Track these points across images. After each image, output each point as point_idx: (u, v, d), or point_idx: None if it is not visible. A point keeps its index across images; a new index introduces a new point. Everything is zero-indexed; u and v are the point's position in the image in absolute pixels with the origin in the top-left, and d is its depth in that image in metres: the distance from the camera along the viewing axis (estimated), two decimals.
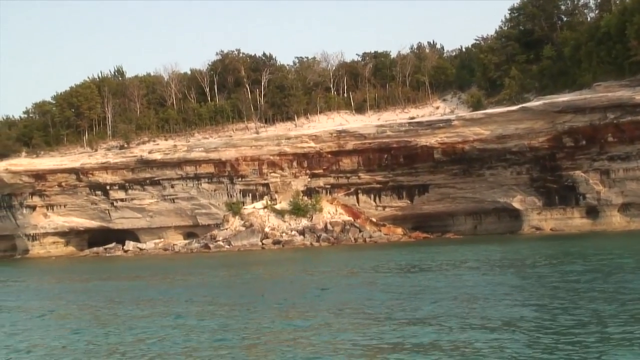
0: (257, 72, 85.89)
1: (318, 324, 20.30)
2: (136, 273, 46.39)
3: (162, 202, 79.46)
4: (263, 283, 34.19)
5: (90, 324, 23.36)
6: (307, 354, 16.64)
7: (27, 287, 38.62)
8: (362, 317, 21.20)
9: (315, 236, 71.87)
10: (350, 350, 16.73)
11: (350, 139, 74.81)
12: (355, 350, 16.72)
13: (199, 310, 24.51)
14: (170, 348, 18.21)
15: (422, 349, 16.32)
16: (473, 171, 72.51)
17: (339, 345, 17.32)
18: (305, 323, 20.55)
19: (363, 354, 16.40)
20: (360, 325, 19.81)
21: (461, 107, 78.77)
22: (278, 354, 16.80)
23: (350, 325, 19.84)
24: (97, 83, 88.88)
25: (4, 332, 22.60)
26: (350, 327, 19.64)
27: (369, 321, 20.31)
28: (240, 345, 18.19)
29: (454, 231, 75.88)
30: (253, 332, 19.81)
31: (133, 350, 18.37)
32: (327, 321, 20.69)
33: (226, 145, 76.78)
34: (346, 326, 19.75)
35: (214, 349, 17.86)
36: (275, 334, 19.34)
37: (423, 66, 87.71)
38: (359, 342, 17.43)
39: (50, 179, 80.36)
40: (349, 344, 17.37)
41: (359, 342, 17.50)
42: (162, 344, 18.76)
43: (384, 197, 76.46)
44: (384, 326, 19.33)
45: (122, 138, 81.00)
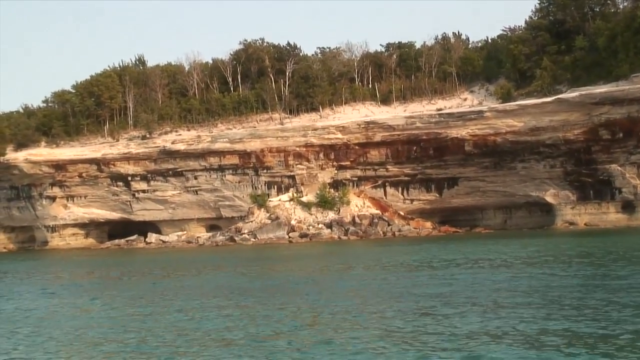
0: (281, 61, 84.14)
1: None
2: (175, 267, 44.76)
3: (185, 194, 77.92)
4: (317, 279, 32.45)
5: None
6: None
7: (75, 284, 36.79)
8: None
9: (343, 230, 70.28)
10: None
11: (379, 130, 73.17)
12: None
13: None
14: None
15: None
16: (504, 164, 70.86)
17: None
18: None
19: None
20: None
21: (489, 99, 76.94)
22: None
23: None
24: (118, 72, 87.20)
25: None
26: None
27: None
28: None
29: (483, 225, 74.30)
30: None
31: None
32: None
33: (251, 136, 75.16)
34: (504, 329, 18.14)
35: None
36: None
37: (449, 57, 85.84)
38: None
39: (70, 169, 78.85)
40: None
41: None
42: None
43: (412, 190, 74.80)
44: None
45: (144, 128, 79.41)
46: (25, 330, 21.45)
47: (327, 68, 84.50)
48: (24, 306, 27.24)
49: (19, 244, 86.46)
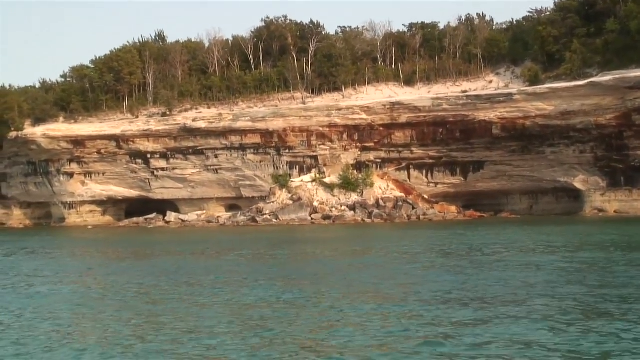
0: (304, 40, 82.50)
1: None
2: (202, 247, 43.57)
3: (205, 173, 76.70)
4: (355, 264, 31.18)
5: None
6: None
7: (107, 265, 35.56)
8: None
9: (367, 212, 69.01)
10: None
11: (404, 112, 71.75)
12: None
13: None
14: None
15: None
16: (532, 148, 69.50)
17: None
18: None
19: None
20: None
21: (516, 82, 75.28)
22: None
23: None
24: (137, 47, 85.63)
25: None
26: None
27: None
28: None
29: (508, 210, 72.97)
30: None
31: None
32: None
33: (274, 114, 73.78)
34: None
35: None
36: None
37: (474, 38, 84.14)
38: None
39: (89, 145, 77.66)
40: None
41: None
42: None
43: (437, 173, 73.51)
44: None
45: (164, 105, 78.02)
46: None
47: (351, 47, 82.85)
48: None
49: (35, 220, 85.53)
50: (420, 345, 14.61)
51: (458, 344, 14.61)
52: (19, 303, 21.96)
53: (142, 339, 16.16)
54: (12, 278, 29.23)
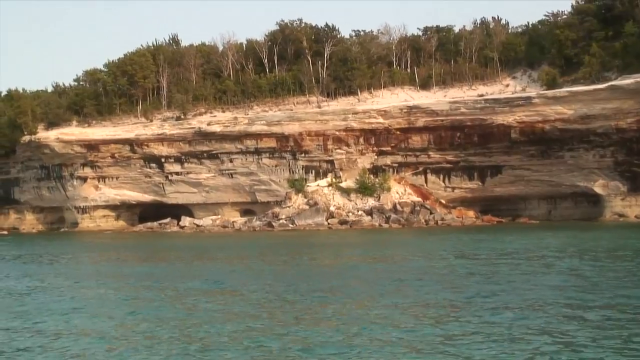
0: (318, 43, 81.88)
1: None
2: (232, 252, 42.91)
3: (220, 177, 76.08)
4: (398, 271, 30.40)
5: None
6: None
7: (137, 272, 34.74)
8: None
9: (384, 217, 68.27)
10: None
11: (421, 115, 71.12)
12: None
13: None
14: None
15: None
16: (551, 153, 68.81)
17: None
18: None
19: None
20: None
21: (532, 86, 74.53)
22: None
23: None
24: (151, 51, 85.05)
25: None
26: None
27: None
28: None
29: (526, 216, 72.12)
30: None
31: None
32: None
33: (290, 118, 73.15)
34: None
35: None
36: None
37: (489, 42, 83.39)
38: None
39: (103, 149, 77.14)
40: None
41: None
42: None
43: (454, 177, 72.79)
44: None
45: (179, 109, 77.45)
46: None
47: (366, 51, 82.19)
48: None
49: (47, 224, 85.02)
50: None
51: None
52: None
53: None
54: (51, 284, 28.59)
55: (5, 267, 37.83)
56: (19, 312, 21.45)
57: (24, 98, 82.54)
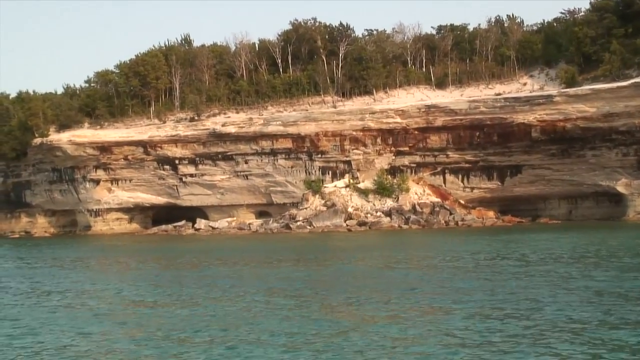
0: (333, 43, 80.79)
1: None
2: (256, 254, 41.81)
3: (235, 179, 74.96)
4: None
5: None
6: None
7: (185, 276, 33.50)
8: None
9: (404, 218, 67.17)
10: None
11: (440, 115, 70.06)
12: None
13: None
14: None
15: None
16: (573, 152, 67.71)
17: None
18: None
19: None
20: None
21: (550, 84, 73.34)
22: None
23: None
24: (163, 52, 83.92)
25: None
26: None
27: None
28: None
29: (547, 216, 70.98)
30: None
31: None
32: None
33: (305, 119, 72.07)
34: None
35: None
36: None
37: (505, 40, 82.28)
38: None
39: (116, 151, 76.06)
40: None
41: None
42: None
43: (473, 177, 71.69)
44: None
45: (192, 110, 76.34)
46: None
47: (381, 50, 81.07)
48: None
49: (60, 228, 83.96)
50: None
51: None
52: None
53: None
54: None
55: (49, 272, 36.34)
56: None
57: (34, 100, 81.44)
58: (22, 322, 20.82)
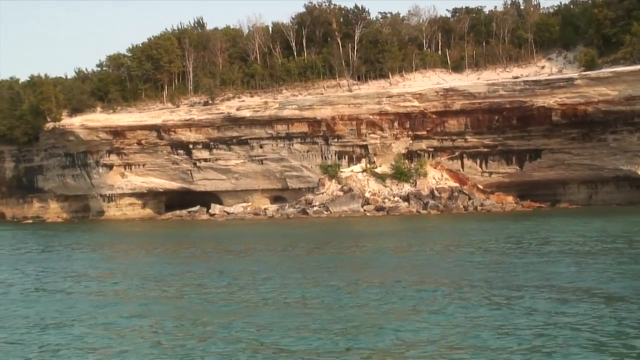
0: (348, 25, 79.67)
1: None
2: (283, 240, 40.92)
3: (249, 163, 74.10)
4: None
5: None
6: None
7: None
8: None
9: (422, 203, 66.35)
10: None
11: (458, 98, 69.01)
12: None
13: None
14: None
15: None
16: (594, 135, 66.66)
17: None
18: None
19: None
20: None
21: (569, 67, 72.31)
22: None
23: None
24: (176, 35, 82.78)
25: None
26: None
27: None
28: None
29: (566, 201, 69.99)
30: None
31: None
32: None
33: (322, 102, 71.08)
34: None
35: None
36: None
37: (522, 22, 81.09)
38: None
39: (129, 136, 75.21)
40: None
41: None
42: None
43: (491, 162, 70.72)
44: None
45: (206, 94, 75.40)
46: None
47: (397, 32, 79.94)
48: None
49: (72, 213, 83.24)
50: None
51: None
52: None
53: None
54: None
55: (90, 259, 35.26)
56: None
57: (46, 84, 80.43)
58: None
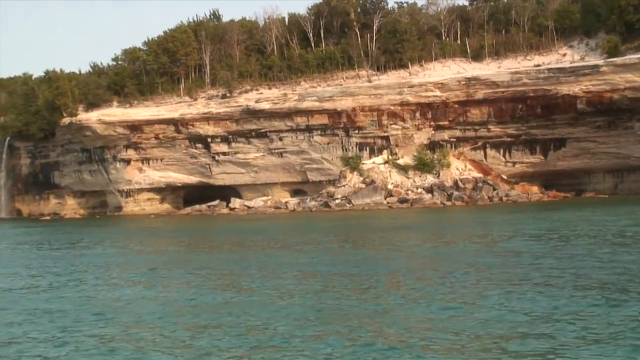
0: (366, 15, 78.57)
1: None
2: (317, 237, 39.98)
3: (269, 156, 73.18)
4: None
5: None
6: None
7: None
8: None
9: (446, 195, 65.32)
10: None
11: (481, 87, 67.98)
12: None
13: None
14: None
15: None
16: (619, 123, 65.64)
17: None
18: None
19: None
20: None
21: (591, 54, 71.13)
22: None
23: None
24: (192, 27, 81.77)
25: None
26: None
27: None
28: None
29: (591, 190, 68.88)
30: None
31: None
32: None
33: (342, 93, 70.07)
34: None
35: None
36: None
37: (541, 10, 79.81)
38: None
39: (146, 130, 74.38)
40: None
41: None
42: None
43: (515, 152, 69.74)
44: None
45: (223, 86, 74.46)
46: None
47: (415, 22, 78.79)
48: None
49: (89, 209, 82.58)
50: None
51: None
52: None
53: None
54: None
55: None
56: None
57: (62, 79, 79.56)
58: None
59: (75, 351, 14.76)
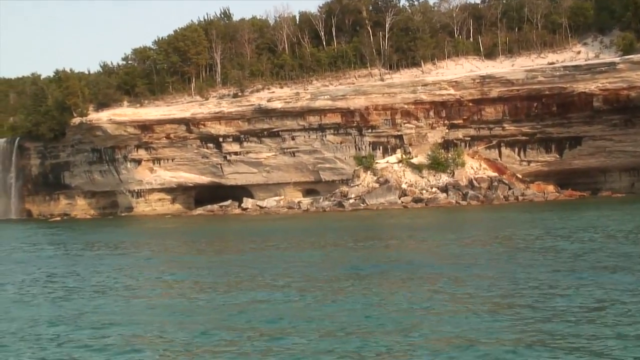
0: (378, 13, 77.94)
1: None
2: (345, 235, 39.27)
3: (281, 156, 72.60)
4: None
5: None
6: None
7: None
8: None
9: (461, 194, 64.64)
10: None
11: (495, 86, 67.32)
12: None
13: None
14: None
15: None
16: (636, 121, 65.07)
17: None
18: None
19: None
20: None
21: (606, 52, 70.45)
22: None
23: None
24: (203, 26, 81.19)
25: None
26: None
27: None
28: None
29: (607, 189, 68.12)
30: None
31: None
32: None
33: (355, 92, 69.45)
34: None
35: None
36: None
37: (555, 7, 79.06)
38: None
39: (157, 130, 73.85)
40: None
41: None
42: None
43: (530, 150, 69.08)
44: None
45: (235, 86, 73.92)
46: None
47: (428, 19, 78.14)
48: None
49: (100, 209, 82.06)
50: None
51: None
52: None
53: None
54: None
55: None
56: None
57: (72, 78, 79.08)
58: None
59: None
